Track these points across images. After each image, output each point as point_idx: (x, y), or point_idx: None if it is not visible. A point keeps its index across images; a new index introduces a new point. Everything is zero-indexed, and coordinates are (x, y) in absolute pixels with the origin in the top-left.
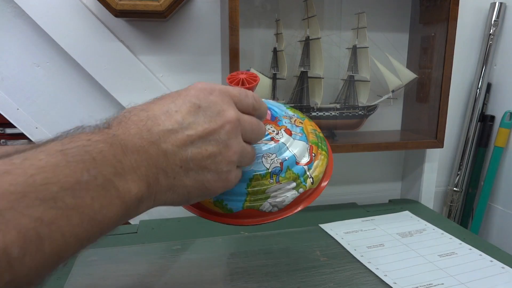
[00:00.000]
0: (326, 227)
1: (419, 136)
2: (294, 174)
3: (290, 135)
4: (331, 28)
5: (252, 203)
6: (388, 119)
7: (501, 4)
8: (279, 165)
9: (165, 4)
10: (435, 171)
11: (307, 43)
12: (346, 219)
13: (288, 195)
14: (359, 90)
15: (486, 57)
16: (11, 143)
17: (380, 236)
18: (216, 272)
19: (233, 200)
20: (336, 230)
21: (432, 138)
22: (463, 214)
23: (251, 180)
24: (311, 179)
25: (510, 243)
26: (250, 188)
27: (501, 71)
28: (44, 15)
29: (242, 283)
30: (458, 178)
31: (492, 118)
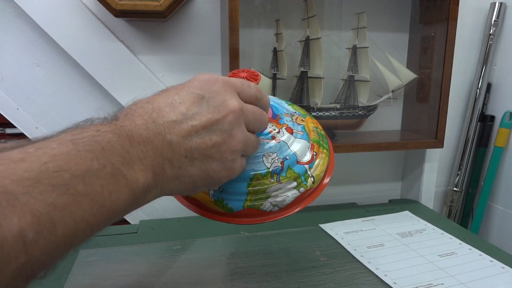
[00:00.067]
0: (326, 227)
1: (419, 136)
2: (295, 174)
3: (291, 133)
4: (331, 28)
5: (253, 202)
6: (388, 119)
7: (501, 4)
8: (280, 164)
9: (165, 4)
10: (435, 171)
11: (307, 43)
12: (346, 219)
13: (288, 194)
14: (359, 90)
15: (486, 57)
16: None
17: (380, 236)
18: (216, 272)
19: (233, 200)
20: (336, 230)
21: (432, 138)
22: (463, 214)
23: (251, 179)
24: (312, 178)
25: (510, 243)
26: (250, 187)
27: (501, 71)
28: (44, 15)
29: (242, 283)
30: (458, 178)
31: (492, 118)
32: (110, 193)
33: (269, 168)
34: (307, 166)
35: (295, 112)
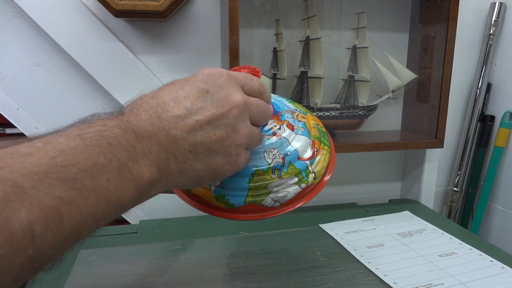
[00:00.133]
0: (326, 227)
1: (419, 136)
2: (296, 169)
3: (292, 130)
4: (331, 28)
5: (254, 198)
6: (388, 119)
7: (501, 4)
8: (281, 160)
9: (165, 4)
10: (435, 171)
11: (307, 43)
12: (346, 219)
13: (290, 190)
14: (359, 90)
15: (486, 57)
16: None
17: (380, 236)
18: (216, 272)
19: (235, 195)
20: (336, 230)
21: (432, 138)
22: (463, 214)
23: (253, 175)
24: (313, 174)
25: (510, 243)
26: (252, 183)
27: (501, 71)
28: (44, 15)
29: (242, 283)
30: (458, 178)
31: (492, 118)
32: (116, 187)
33: (270, 164)
34: (308, 162)
35: (296, 109)
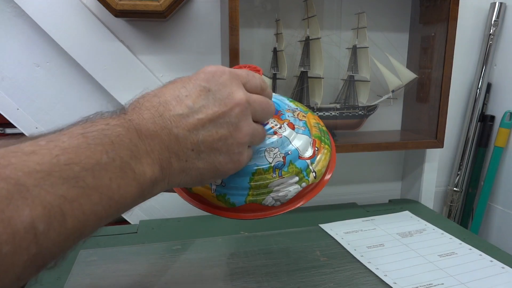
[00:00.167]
0: (326, 227)
1: (419, 136)
2: (297, 169)
3: (293, 129)
4: (331, 28)
5: (255, 197)
6: (388, 119)
7: (501, 4)
8: (282, 159)
9: (165, 4)
10: (435, 171)
11: (307, 43)
12: (346, 219)
13: (290, 189)
14: (359, 90)
15: (486, 57)
16: None
17: (380, 236)
18: (216, 272)
19: (235, 194)
20: (336, 230)
21: (432, 138)
22: (463, 214)
23: (253, 174)
24: (314, 173)
25: (510, 243)
26: (252, 182)
27: (501, 71)
28: (44, 15)
29: (242, 283)
30: (458, 178)
31: (492, 118)
32: (118, 186)
33: (271, 163)
34: (309, 161)
35: (297, 108)
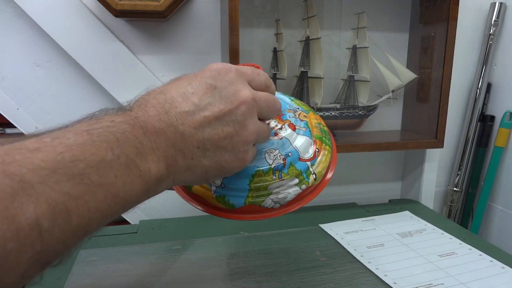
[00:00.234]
0: (326, 227)
1: (419, 136)
2: (297, 171)
3: (294, 129)
4: (331, 28)
5: (254, 199)
6: (388, 119)
7: (501, 4)
8: (282, 161)
9: (165, 4)
10: (435, 171)
11: (307, 43)
12: (346, 219)
13: (290, 191)
14: (359, 90)
15: (486, 57)
16: None
17: (380, 236)
18: (216, 272)
19: (235, 196)
20: (336, 230)
21: (432, 138)
22: (463, 214)
23: (253, 176)
24: (314, 175)
25: (510, 243)
26: (252, 184)
27: (501, 71)
28: (44, 15)
29: (242, 283)
30: (458, 178)
31: (492, 118)
32: (123, 183)
33: (271, 165)
34: (309, 163)
35: (298, 108)
